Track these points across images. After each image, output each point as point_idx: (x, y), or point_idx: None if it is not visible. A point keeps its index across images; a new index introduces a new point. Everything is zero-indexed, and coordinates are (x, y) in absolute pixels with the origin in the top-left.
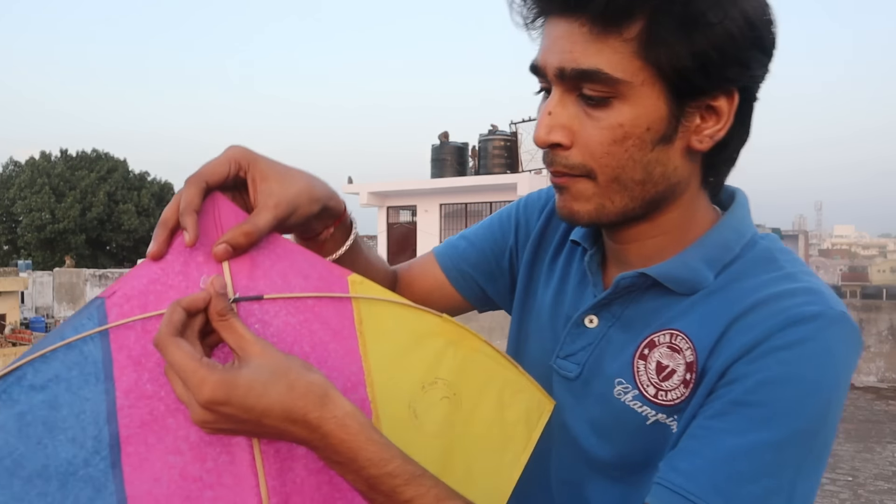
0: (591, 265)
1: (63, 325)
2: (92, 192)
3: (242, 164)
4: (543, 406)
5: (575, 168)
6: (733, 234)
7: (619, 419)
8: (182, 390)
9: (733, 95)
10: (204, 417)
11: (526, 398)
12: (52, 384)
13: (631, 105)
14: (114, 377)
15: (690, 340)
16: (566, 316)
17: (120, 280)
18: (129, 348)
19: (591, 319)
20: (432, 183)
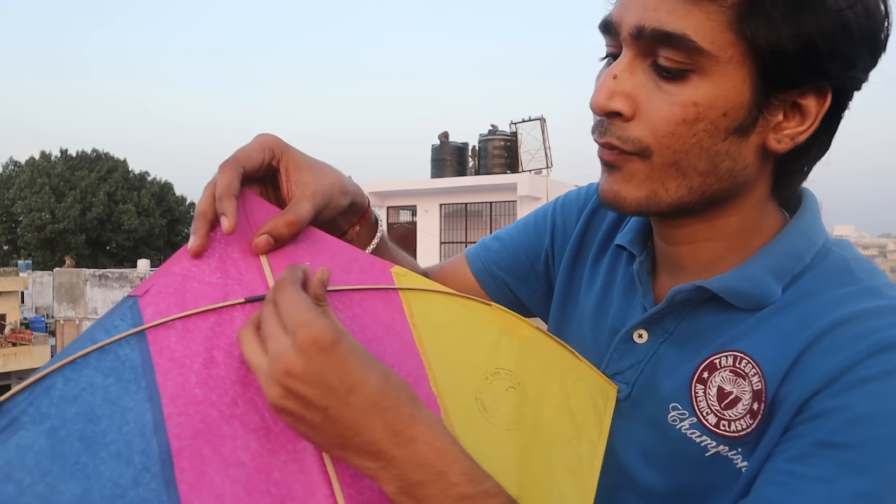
0: (640, 273)
1: (93, 328)
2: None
3: (276, 152)
4: (607, 392)
5: (629, 142)
6: (803, 241)
7: (673, 448)
8: (276, 329)
9: (826, 95)
10: (293, 366)
11: (588, 384)
12: (87, 394)
13: (711, 83)
14: (157, 382)
15: (757, 365)
16: (611, 327)
17: (152, 277)
18: (171, 350)
19: (640, 334)
20: (432, 183)
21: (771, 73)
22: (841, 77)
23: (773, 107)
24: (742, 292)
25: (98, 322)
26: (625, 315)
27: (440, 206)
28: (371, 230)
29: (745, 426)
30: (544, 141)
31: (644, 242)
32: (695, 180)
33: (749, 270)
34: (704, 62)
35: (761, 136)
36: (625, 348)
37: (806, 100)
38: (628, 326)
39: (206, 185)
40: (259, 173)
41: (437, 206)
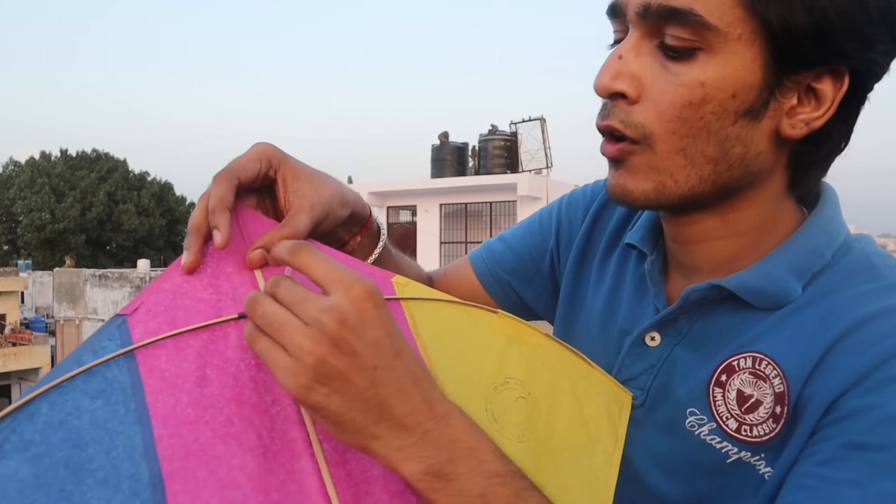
0: (652, 273)
1: (80, 349)
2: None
3: (273, 163)
4: (622, 399)
5: (632, 127)
6: (824, 237)
7: (692, 456)
8: (306, 291)
9: (842, 78)
10: (349, 315)
11: (601, 392)
12: (73, 418)
13: (719, 62)
14: (147, 404)
15: (779, 366)
16: (620, 329)
17: (141, 295)
18: (162, 370)
19: (652, 337)
20: (432, 183)
21: (783, 51)
22: (858, 58)
23: (787, 89)
24: (760, 290)
25: (85, 342)
26: (635, 316)
27: (440, 206)
28: (373, 239)
29: (767, 431)
30: (544, 141)
31: (655, 241)
32: (704, 168)
33: (767, 268)
34: (712, 39)
35: (774, 121)
36: (637, 352)
37: (822, 83)
38: (640, 329)
39: (199, 197)
40: (255, 184)
41: (437, 206)
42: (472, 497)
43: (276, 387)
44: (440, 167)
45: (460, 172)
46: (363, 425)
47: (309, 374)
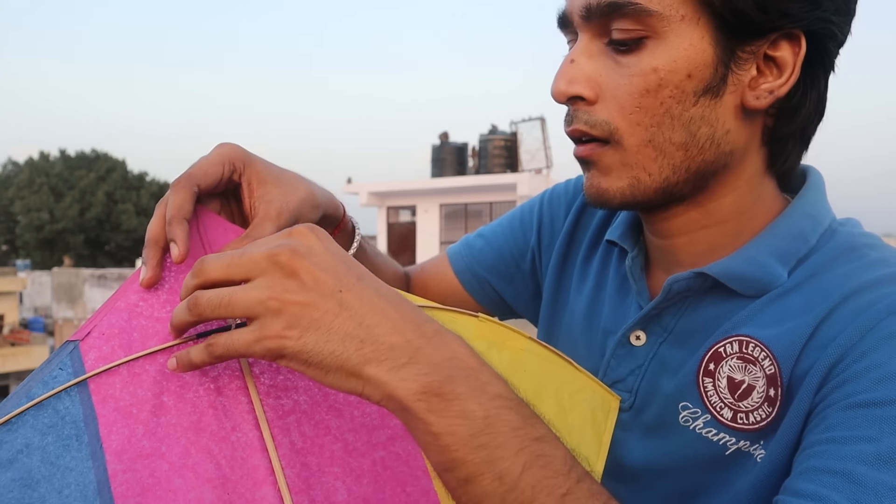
0: (633, 269)
1: (30, 380)
2: (91, 191)
3: (237, 166)
4: (609, 403)
5: (597, 126)
6: (808, 221)
7: (688, 452)
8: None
9: (798, 42)
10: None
11: (588, 397)
12: (23, 456)
13: (668, 46)
14: (100, 437)
15: (767, 348)
16: (603, 330)
17: (93, 317)
18: (116, 398)
19: (637, 336)
20: (432, 183)
21: (729, 23)
22: (807, 18)
23: (742, 61)
24: (745, 276)
25: (35, 372)
26: (618, 316)
27: (440, 206)
28: (348, 238)
29: (763, 416)
30: (544, 141)
31: (636, 237)
32: (675, 156)
33: (750, 253)
34: (656, 24)
35: (737, 96)
36: (622, 353)
37: (778, 50)
38: (624, 328)
39: (157, 204)
40: (218, 189)
41: (437, 205)
42: (475, 419)
43: (235, 412)
44: (440, 167)
45: (460, 172)
46: (346, 356)
47: (274, 324)
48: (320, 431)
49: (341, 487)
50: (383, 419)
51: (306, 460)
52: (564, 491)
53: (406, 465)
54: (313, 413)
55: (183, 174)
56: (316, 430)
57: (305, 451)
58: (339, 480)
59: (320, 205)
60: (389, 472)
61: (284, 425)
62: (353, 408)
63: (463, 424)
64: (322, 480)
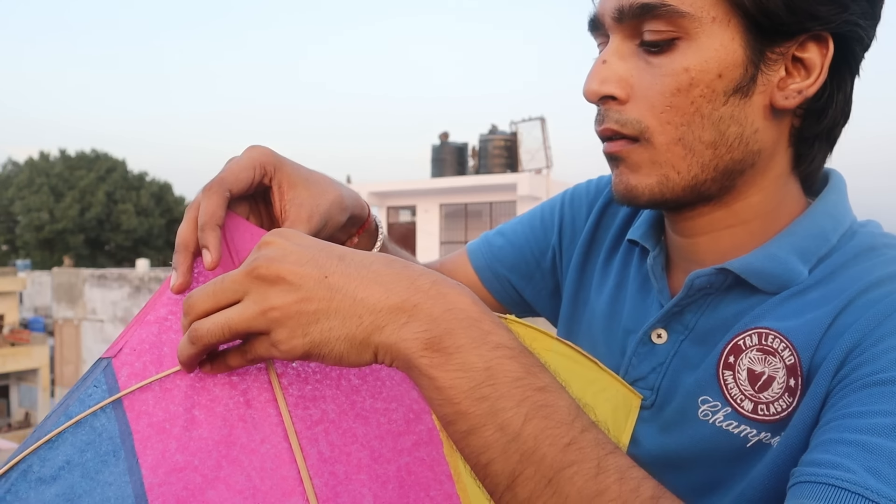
0: (654, 268)
1: (67, 398)
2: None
3: (268, 169)
4: (630, 402)
5: (628, 125)
6: (829, 221)
7: (708, 446)
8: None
9: (826, 44)
10: (274, 252)
11: (611, 396)
12: (65, 472)
13: (699, 47)
14: (136, 452)
15: (786, 339)
16: (625, 328)
17: (125, 332)
18: (150, 415)
19: (658, 334)
20: (432, 183)
21: (759, 25)
22: (835, 20)
23: (771, 62)
24: (765, 272)
25: (72, 390)
26: (639, 315)
27: (440, 206)
28: (371, 238)
29: (784, 406)
30: (544, 141)
31: (657, 237)
32: (704, 154)
33: (772, 250)
34: (688, 26)
35: (766, 96)
36: (644, 351)
37: (806, 52)
38: (646, 326)
39: (187, 208)
40: (248, 192)
41: (437, 205)
42: (476, 371)
43: (264, 425)
44: (440, 167)
45: (460, 172)
46: (352, 333)
47: (280, 331)
48: (347, 440)
49: (368, 494)
50: (408, 425)
51: (334, 469)
52: (568, 440)
53: (431, 469)
54: (341, 422)
55: (214, 178)
56: (343, 439)
57: (333, 460)
58: (366, 487)
59: (347, 207)
60: (414, 478)
61: (312, 435)
62: (379, 415)
63: (464, 377)
64: (349, 488)
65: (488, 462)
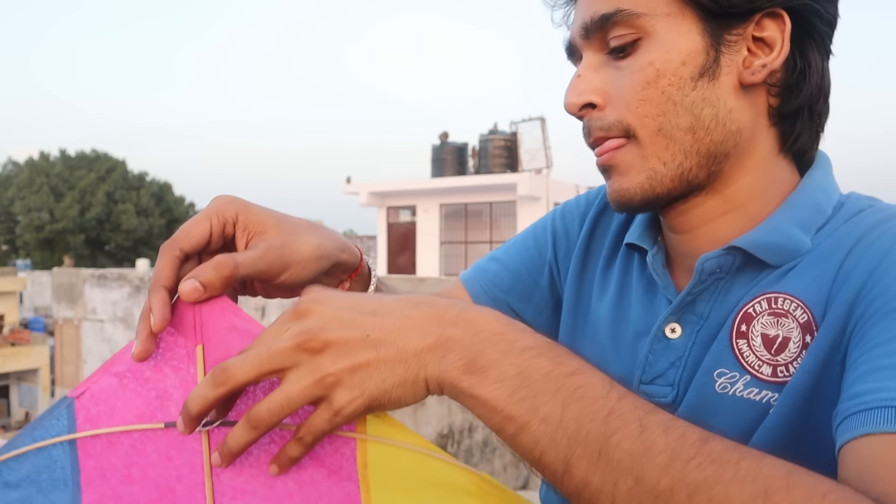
0: (655, 266)
1: (35, 423)
2: (91, 191)
3: (228, 217)
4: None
5: (612, 128)
6: (821, 194)
7: (729, 419)
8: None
9: (783, 19)
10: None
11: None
12: (25, 484)
13: (659, 41)
14: (81, 487)
15: (796, 298)
16: (634, 332)
17: (93, 375)
18: (96, 458)
19: (672, 329)
20: (432, 183)
21: (711, 12)
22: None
23: (732, 43)
24: (772, 244)
25: (39, 418)
26: (648, 316)
27: (440, 206)
28: (364, 282)
29: None
30: (544, 141)
31: (654, 237)
32: (685, 140)
33: (774, 223)
34: (646, 24)
35: (733, 76)
36: (660, 347)
37: (765, 30)
38: (659, 321)
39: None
40: (212, 247)
41: (437, 206)
42: (510, 378)
43: (189, 500)
44: (440, 167)
45: (460, 172)
46: (403, 379)
47: (339, 397)
48: None
49: None
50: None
51: None
52: (607, 412)
53: None
54: None
55: (169, 238)
56: None
57: None
58: None
59: (326, 255)
60: None
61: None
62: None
63: (501, 387)
64: None
65: (541, 454)
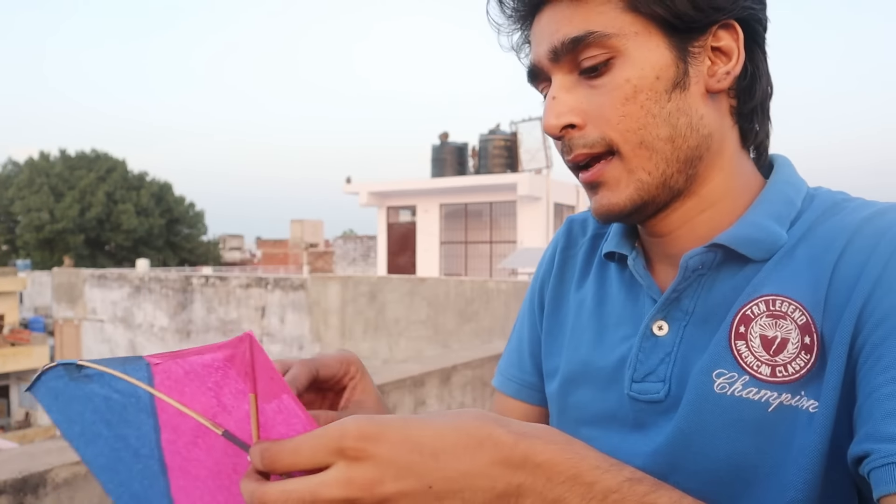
0: (637, 268)
1: (121, 359)
2: (91, 191)
3: (352, 370)
4: None
5: (595, 145)
6: (790, 188)
7: (727, 418)
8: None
9: (735, 29)
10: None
11: None
12: (123, 395)
13: (632, 59)
14: (160, 424)
15: (794, 300)
16: (622, 336)
17: (164, 355)
18: (169, 414)
19: (660, 326)
20: (432, 183)
21: (674, 27)
22: (734, 9)
23: (696, 55)
24: (753, 239)
25: (119, 359)
26: (634, 316)
27: (440, 206)
28: None
29: (803, 363)
30: (544, 141)
31: (632, 243)
32: (665, 149)
33: (751, 218)
34: (617, 44)
35: (700, 85)
36: (648, 345)
37: (721, 40)
38: (646, 320)
39: None
40: (329, 383)
41: (437, 205)
42: None
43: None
44: (440, 167)
45: (460, 172)
46: None
47: None
48: None
49: None
50: None
51: None
52: None
53: None
54: None
55: (310, 358)
56: None
57: None
58: None
59: None
60: None
61: None
62: None
63: None
64: None
65: None
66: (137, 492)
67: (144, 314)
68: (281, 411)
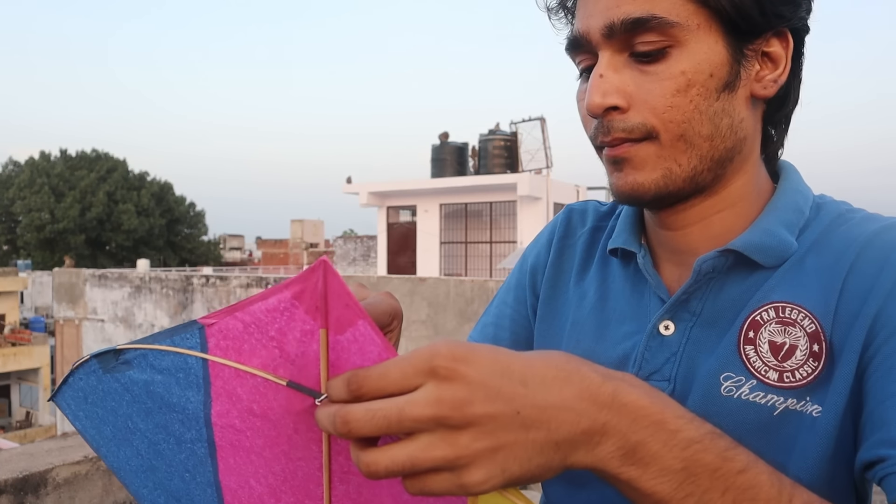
0: (646, 266)
1: (170, 331)
2: (91, 191)
3: (395, 324)
4: None
5: (635, 130)
6: (799, 196)
7: (733, 421)
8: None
9: (787, 38)
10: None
11: None
12: (167, 373)
13: (690, 51)
14: (211, 396)
15: (804, 308)
16: (626, 333)
17: (217, 314)
18: (224, 381)
19: (666, 326)
20: (432, 183)
21: (737, 27)
22: (793, 17)
23: (748, 58)
24: (765, 246)
25: (172, 329)
26: (639, 313)
27: (440, 206)
28: None
29: (810, 370)
30: (544, 141)
31: (639, 240)
32: (703, 146)
33: (764, 225)
34: (678, 34)
35: (747, 88)
36: (654, 344)
37: (771, 46)
38: (654, 319)
39: None
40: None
41: (437, 205)
42: (675, 472)
43: (304, 449)
44: (440, 167)
45: (460, 172)
46: (550, 463)
47: (475, 475)
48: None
49: None
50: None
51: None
52: None
53: None
54: (375, 489)
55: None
56: (372, 493)
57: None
58: None
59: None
60: None
61: (345, 479)
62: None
63: (666, 481)
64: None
65: None
66: (177, 488)
67: (145, 314)
68: (356, 340)
